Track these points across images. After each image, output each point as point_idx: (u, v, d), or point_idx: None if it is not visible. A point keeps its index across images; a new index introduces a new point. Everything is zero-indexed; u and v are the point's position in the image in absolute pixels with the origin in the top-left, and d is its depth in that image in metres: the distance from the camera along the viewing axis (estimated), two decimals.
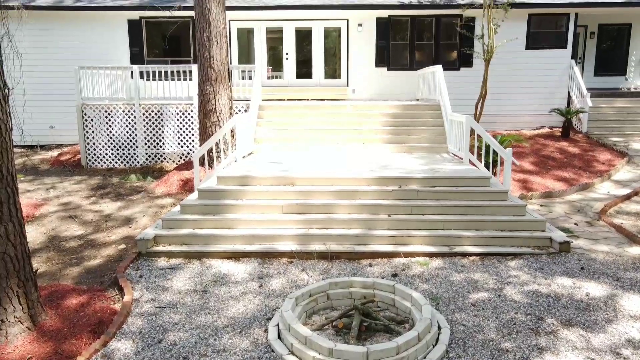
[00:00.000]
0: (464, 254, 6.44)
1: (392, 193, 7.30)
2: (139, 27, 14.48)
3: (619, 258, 6.30)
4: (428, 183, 7.48)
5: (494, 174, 8.87)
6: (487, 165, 8.71)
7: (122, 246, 7.12)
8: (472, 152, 9.07)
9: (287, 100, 14.20)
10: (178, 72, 11.99)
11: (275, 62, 15.14)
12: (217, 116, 10.32)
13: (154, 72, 12.08)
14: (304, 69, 15.09)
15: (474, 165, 8.70)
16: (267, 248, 6.54)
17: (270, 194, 7.36)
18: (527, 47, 14.39)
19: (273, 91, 14.51)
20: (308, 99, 14.41)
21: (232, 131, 9.80)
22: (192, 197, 7.54)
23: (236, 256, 6.52)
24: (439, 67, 11.48)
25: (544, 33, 14.41)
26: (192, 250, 6.52)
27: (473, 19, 14.02)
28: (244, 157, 9.62)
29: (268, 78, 15.11)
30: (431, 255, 6.45)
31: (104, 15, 14.30)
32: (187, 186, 9.98)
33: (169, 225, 6.96)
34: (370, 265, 6.27)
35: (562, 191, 9.26)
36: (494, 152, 8.60)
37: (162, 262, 6.42)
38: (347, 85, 14.85)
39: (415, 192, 7.29)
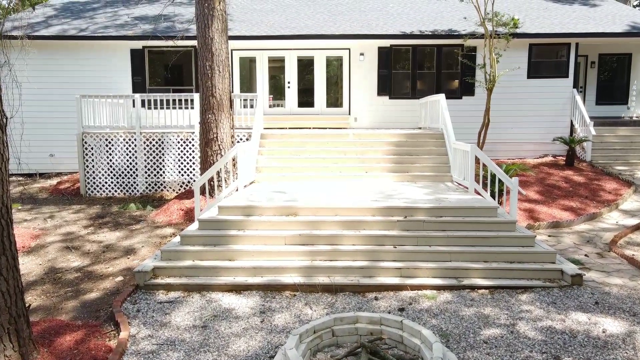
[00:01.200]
0: (472, 287, 6.25)
1: (397, 224, 7.15)
2: (141, 57, 14.59)
3: (634, 292, 6.11)
4: (434, 213, 7.34)
5: (500, 203, 8.73)
6: (492, 195, 8.59)
7: (120, 278, 6.93)
8: (477, 181, 8.96)
9: (289, 128, 14.18)
10: (179, 100, 12.00)
11: (277, 90, 15.20)
12: (219, 145, 10.26)
13: (155, 100, 12.09)
14: (305, 98, 15.14)
15: (479, 194, 8.58)
16: (270, 281, 6.36)
17: (273, 224, 7.21)
18: (529, 76, 14.46)
19: (275, 119, 14.51)
20: (310, 128, 14.38)
21: (233, 160, 9.72)
22: (193, 228, 7.38)
23: (238, 289, 6.33)
24: (442, 95, 11.48)
25: (545, 62, 14.51)
26: (192, 282, 6.33)
27: (474, 49, 14.13)
28: (245, 186, 9.51)
29: (270, 106, 15.14)
30: (439, 288, 6.26)
31: (107, 45, 14.42)
32: (188, 216, 9.83)
33: (168, 256, 6.79)
34: (376, 298, 6.08)
35: (570, 221, 9.11)
36: (500, 181, 8.49)
37: (161, 295, 6.23)
38: (349, 114, 14.86)
39: (421, 222, 7.15)
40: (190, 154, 11.83)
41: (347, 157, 10.82)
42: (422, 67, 14.80)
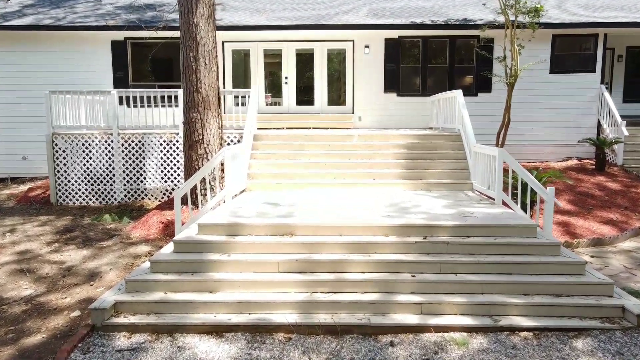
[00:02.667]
0: (512, 329, 5.06)
1: (415, 246, 5.95)
2: (123, 49, 13.40)
3: None
4: (459, 232, 6.14)
5: (530, 216, 7.53)
6: (523, 207, 7.40)
7: (77, 313, 5.75)
8: (505, 191, 7.76)
9: (287, 128, 12.99)
10: (162, 97, 10.82)
11: (274, 87, 14.01)
12: (205, 148, 9.07)
13: (135, 97, 10.90)
14: (305, 95, 13.95)
15: (508, 207, 7.40)
16: (258, 319, 5.17)
17: (264, 246, 6.01)
18: (552, 71, 13.27)
19: (271, 119, 13.32)
20: (310, 128, 13.20)
21: (221, 165, 8.53)
22: (167, 251, 6.18)
23: (219, 330, 5.15)
24: (459, 92, 10.29)
25: (569, 56, 13.32)
26: (163, 322, 5.15)
27: (492, 40, 12.93)
28: (235, 196, 8.32)
29: (266, 105, 13.94)
30: (470, 330, 5.07)
31: (85, 36, 13.23)
32: (168, 230, 8.65)
33: (134, 287, 5.60)
34: (392, 344, 4.89)
35: (613, 237, 7.93)
36: (532, 190, 7.29)
37: (122, 339, 5.03)
38: (353, 113, 13.67)
39: (444, 244, 5.95)
40: (174, 158, 10.64)
41: (352, 162, 9.62)
42: (433, 61, 13.61)
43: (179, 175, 10.66)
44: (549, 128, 13.46)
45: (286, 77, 13.79)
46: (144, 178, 10.63)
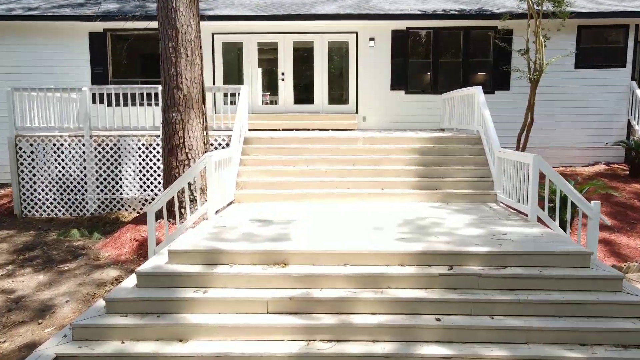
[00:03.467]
0: None
1: (439, 279, 4.82)
2: (102, 42, 12.26)
3: None
4: (493, 261, 5.01)
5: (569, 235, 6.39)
6: (562, 225, 6.27)
7: None
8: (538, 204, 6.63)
9: (283, 130, 11.87)
10: (141, 94, 9.69)
11: (269, 84, 12.87)
12: (187, 153, 7.94)
13: (110, 94, 9.75)
14: (303, 93, 12.81)
15: (544, 225, 6.28)
16: None
17: (250, 279, 4.88)
18: (577, 66, 12.13)
19: (265, 119, 12.19)
20: (309, 129, 12.06)
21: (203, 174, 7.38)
22: (128, 284, 5.04)
23: None
24: (478, 88, 9.16)
25: (596, 49, 12.19)
26: None
27: (511, 32, 11.80)
28: (219, 210, 7.18)
29: (261, 103, 12.80)
30: None
31: (60, 27, 12.10)
32: (143, 249, 7.53)
33: (83, 334, 4.46)
34: None
35: None
36: (572, 204, 6.14)
37: None
38: (356, 112, 12.53)
39: (475, 277, 4.82)
40: (154, 164, 9.50)
41: (357, 169, 8.48)
42: (445, 55, 12.47)
43: (159, 183, 9.52)
44: (573, 129, 12.33)
45: (282, 73, 12.65)
46: (120, 187, 9.49)
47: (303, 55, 12.75)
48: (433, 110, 12.36)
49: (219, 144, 9.42)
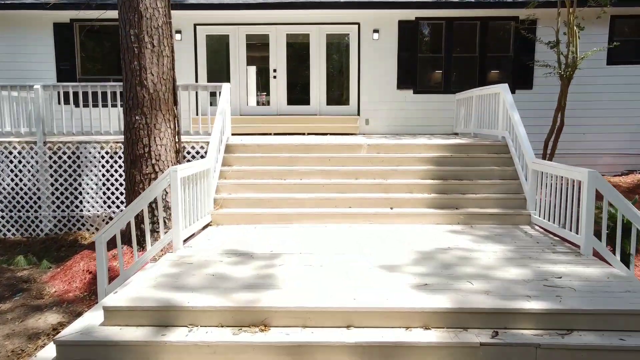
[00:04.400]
0: None
1: (481, 351, 3.48)
2: (69, 35, 10.94)
3: None
4: (552, 322, 3.68)
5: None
6: (625, 260, 4.96)
7: None
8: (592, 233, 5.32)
9: (274, 135, 10.56)
10: (105, 93, 8.35)
11: (259, 82, 11.55)
12: (153, 165, 6.61)
13: (66, 93, 8.41)
14: (298, 92, 11.49)
15: (601, 259, 4.97)
16: None
17: (216, 351, 3.54)
18: (610, 62, 10.83)
19: (254, 122, 10.87)
20: (304, 134, 10.76)
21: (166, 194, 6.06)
22: (47, 356, 3.69)
23: None
24: (504, 87, 7.86)
25: (632, 43, 10.88)
26: None
27: (534, 22, 10.49)
28: (189, 238, 5.85)
29: (257, 104, 11.47)
30: None
31: (20, 17, 10.76)
32: (97, 283, 6.17)
33: None
34: None
35: None
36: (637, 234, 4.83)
37: None
38: (358, 114, 11.21)
39: (531, 349, 3.48)
40: (120, 175, 8.16)
41: (361, 183, 7.16)
42: (459, 50, 11.16)
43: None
44: (605, 133, 11.03)
45: (274, 70, 11.32)
46: (81, 202, 8.14)
47: (298, 50, 11.43)
48: (445, 112, 11.06)
49: (197, 153, 8.09)
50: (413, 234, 6.04)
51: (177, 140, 6.95)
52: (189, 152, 8.03)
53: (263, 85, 11.51)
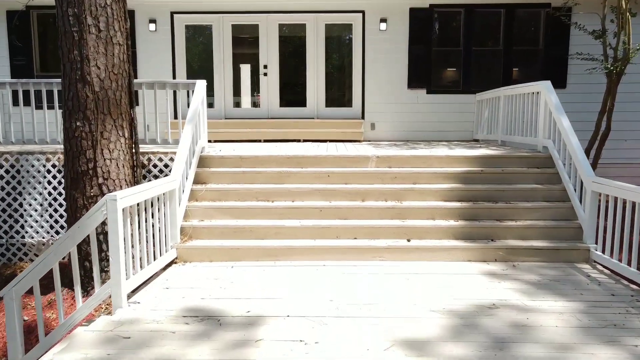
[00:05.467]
0: None
1: None
2: (25, 24, 9.52)
3: None
4: None
5: None
6: None
7: None
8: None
9: (265, 141, 9.15)
10: (50, 92, 6.91)
11: (247, 80, 10.11)
12: (100, 185, 5.17)
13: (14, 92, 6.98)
14: (292, 93, 10.06)
15: None
16: None
17: None
18: None
19: (241, 127, 9.45)
20: (299, 141, 9.35)
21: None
22: None
23: None
24: (546, 84, 6.45)
25: None
26: None
27: (569, 10, 9.07)
28: (138, 287, 4.42)
29: (234, 106, 10.05)
30: None
31: None
32: (32, 335, 4.79)
33: None
34: None
35: None
36: None
37: None
38: (363, 118, 9.79)
39: None
40: None
41: (369, 207, 5.72)
42: (481, 42, 9.73)
43: None
44: None
45: (265, 67, 9.90)
46: (22, 227, 6.70)
47: (292, 43, 10.00)
48: (463, 115, 9.66)
49: (167, 166, 6.65)
50: (439, 279, 4.61)
51: (134, 152, 5.51)
52: (155, 166, 6.59)
53: (252, 84, 10.08)
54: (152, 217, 4.74)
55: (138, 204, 4.32)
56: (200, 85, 6.47)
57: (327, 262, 5.19)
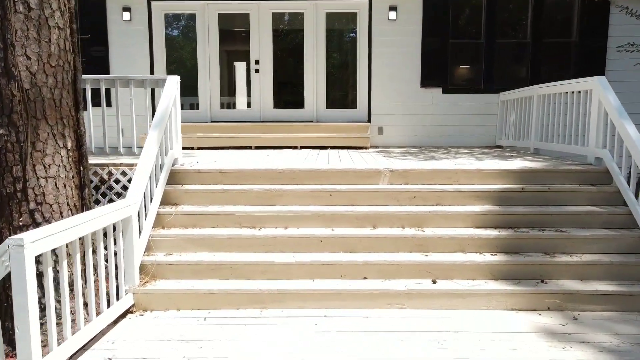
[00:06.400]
0: None
1: None
2: None
3: None
4: None
5: None
6: None
7: None
8: None
9: (256, 148, 8.02)
10: None
11: (236, 78, 8.96)
12: (32, 211, 4.00)
13: None
14: (288, 92, 8.92)
15: None
16: None
17: None
18: None
19: (228, 131, 8.31)
20: (297, 147, 8.20)
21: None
22: None
23: None
24: (600, 80, 5.28)
25: None
26: None
27: None
28: (77, 352, 3.24)
29: (222, 107, 8.90)
30: None
31: None
32: None
33: None
34: None
35: None
36: None
37: None
38: (369, 121, 8.63)
39: None
40: None
41: (381, 236, 4.56)
42: (505, 33, 8.58)
43: None
44: None
45: (257, 62, 8.74)
46: None
47: (288, 35, 8.85)
48: (485, 118, 8.52)
49: (131, 181, 5.45)
50: (478, 342, 3.44)
51: (81, 168, 4.34)
52: (118, 182, 5.42)
53: (242, 82, 8.92)
54: (97, 254, 3.58)
55: (69, 245, 3.16)
56: (172, 82, 5.29)
57: (329, 310, 4.04)
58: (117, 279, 3.96)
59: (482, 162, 5.79)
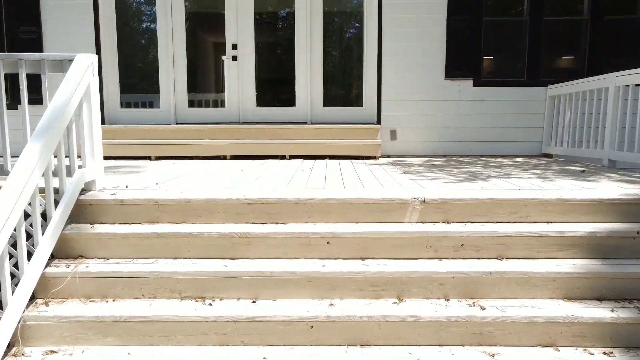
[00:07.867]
0: None
1: None
2: None
3: None
4: None
5: None
6: None
7: None
8: None
9: (231, 158, 6.22)
10: None
11: (208, 68, 7.16)
12: None
13: None
14: (275, 86, 7.12)
15: None
16: None
17: None
18: None
19: (197, 135, 6.50)
20: (285, 157, 6.40)
21: None
22: None
23: None
24: None
25: None
26: None
27: None
28: None
29: (190, 105, 7.09)
30: None
31: None
32: None
33: None
34: None
35: None
36: None
37: None
38: (379, 123, 6.82)
39: None
40: None
41: (411, 317, 2.74)
42: (555, 9, 6.78)
43: None
44: None
45: (234, 47, 6.93)
46: None
47: (274, 16, 7.05)
48: (527, 118, 6.73)
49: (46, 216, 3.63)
50: None
51: None
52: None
53: (216, 74, 7.12)
54: None
55: None
56: (81, 63, 3.45)
57: None
58: None
59: (553, 183, 3.97)
